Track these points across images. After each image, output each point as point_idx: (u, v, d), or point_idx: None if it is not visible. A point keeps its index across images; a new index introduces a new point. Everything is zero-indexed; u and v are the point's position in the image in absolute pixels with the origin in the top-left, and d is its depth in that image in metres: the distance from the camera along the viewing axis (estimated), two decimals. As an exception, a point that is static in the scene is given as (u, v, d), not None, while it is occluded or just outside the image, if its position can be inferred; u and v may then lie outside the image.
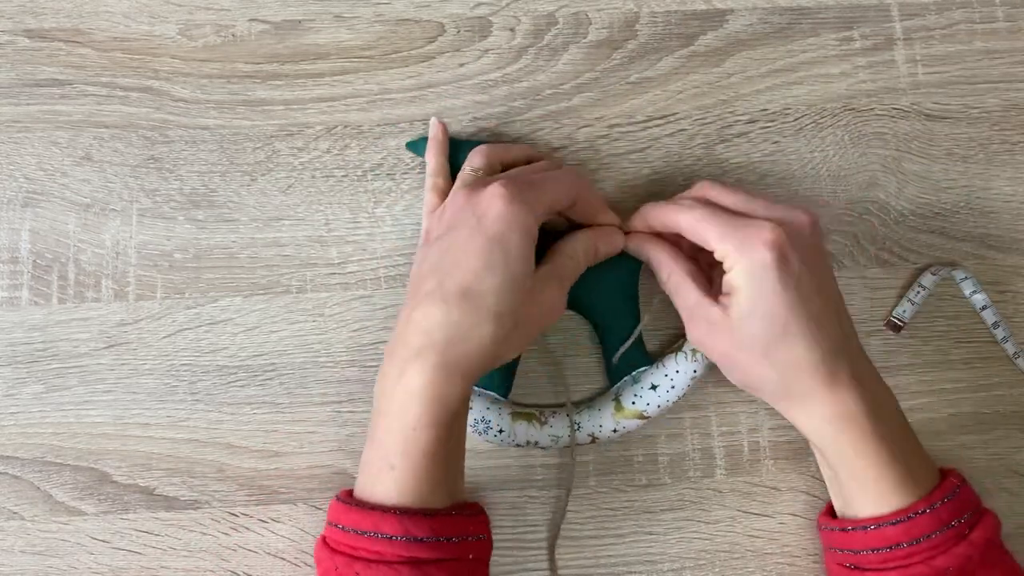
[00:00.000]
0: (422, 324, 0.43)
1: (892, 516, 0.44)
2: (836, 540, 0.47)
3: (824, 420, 0.45)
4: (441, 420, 0.42)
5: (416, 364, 0.42)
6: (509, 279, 0.43)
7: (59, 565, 0.50)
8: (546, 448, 0.52)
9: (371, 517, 0.42)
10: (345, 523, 0.42)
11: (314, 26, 0.56)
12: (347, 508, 0.43)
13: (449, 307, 0.42)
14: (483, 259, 0.43)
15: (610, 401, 0.52)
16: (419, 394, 0.42)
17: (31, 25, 0.55)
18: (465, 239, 0.44)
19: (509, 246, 0.43)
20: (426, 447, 0.42)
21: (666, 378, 0.51)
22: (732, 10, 0.58)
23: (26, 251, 0.53)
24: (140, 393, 0.52)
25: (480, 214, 0.44)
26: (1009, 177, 0.57)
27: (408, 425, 0.42)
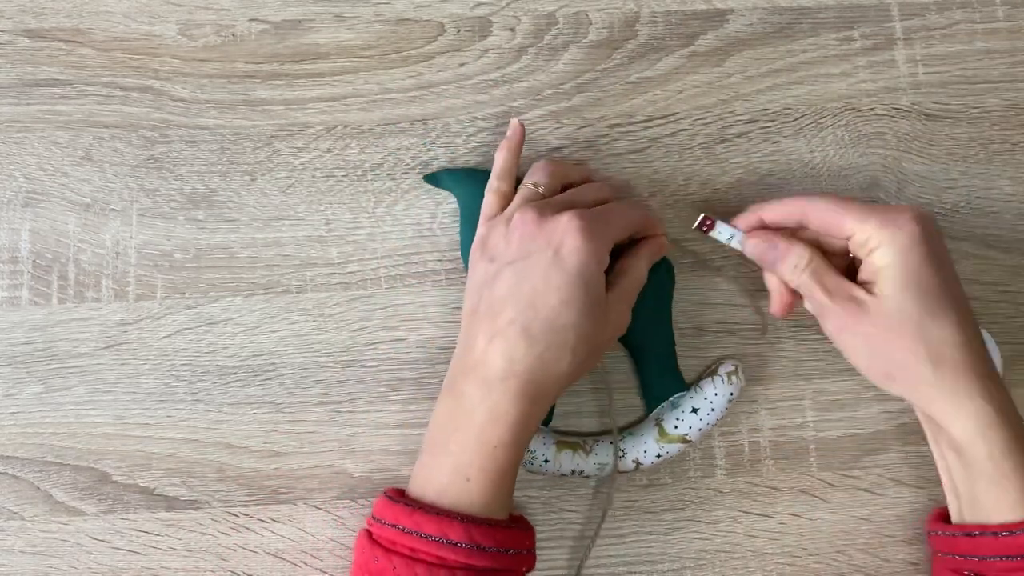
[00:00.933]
0: (506, 353, 0.44)
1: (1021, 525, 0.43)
2: (959, 546, 0.45)
3: (973, 414, 0.44)
4: (520, 442, 0.45)
5: (501, 388, 0.44)
6: (588, 313, 0.45)
7: (59, 565, 0.50)
8: (591, 477, 0.52)
9: (437, 522, 0.43)
10: (407, 524, 0.43)
11: (314, 26, 0.56)
12: (409, 510, 0.43)
13: (533, 341, 0.44)
14: (564, 295, 0.44)
15: (652, 426, 0.52)
16: (503, 417, 0.44)
17: (31, 25, 0.55)
18: (543, 272, 0.45)
19: (588, 281, 0.45)
20: (504, 465, 0.44)
21: (706, 401, 0.51)
22: (732, 10, 0.58)
23: (26, 251, 0.53)
24: (140, 393, 0.52)
25: (556, 246, 0.45)
26: (1010, 177, 0.57)
27: (490, 443, 0.44)
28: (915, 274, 0.44)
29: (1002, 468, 0.44)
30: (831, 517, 0.53)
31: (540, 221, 0.46)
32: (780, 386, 0.54)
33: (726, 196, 0.55)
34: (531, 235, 0.46)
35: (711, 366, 0.53)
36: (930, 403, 0.45)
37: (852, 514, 0.53)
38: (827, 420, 0.54)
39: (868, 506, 0.53)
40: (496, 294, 0.45)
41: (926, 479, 0.53)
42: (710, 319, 0.54)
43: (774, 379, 0.54)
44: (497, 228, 0.48)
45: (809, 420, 0.54)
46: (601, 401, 0.53)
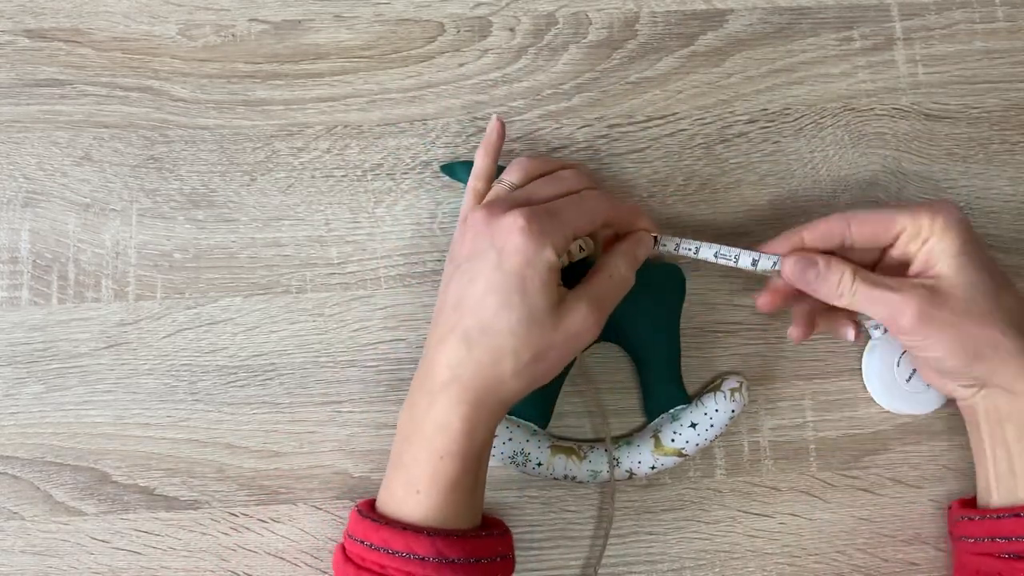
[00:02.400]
0: (447, 360, 0.43)
1: None
2: (1002, 528, 0.46)
3: None
4: (467, 451, 0.43)
5: (443, 397, 0.43)
6: (527, 316, 0.43)
7: (59, 565, 0.50)
8: (584, 483, 0.52)
9: (403, 537, 0.42)
10: (375, 541, 0.43)
11: (314, 26, 0.56)
12: (376, 526, 0.43)
13: (470, 345, 0.43)
14: (501, 296, 0.43)
15: (649, 438, 0.52)
16: (447, 426, 0.43)
17: (31, 25, 0.55)
18: (486, 274, 0.43)
19: (527, 283, 0.43)
20: (453, 475, 0.43)
21: (705, 416, 0.51)
22: (732, 10, 0.58)
23: (26, 251, 0.53)
24: (140, 393, 0.52)
25: (500, 247, 0.43)
26: (1009, 177, 0.57)
27: (436, 454, 0.43)
28: (976, 253, 0.46)
29: None
30: (831, 517, 0.53)
31: (488, 220, 0.44)
32: (780, 386, 0.54)
33: (726, 196, 0.55)
34: (479, 235, 0.44)
35: (715, 380, 0.53)
36: (1014, 374, 0.45)
37: (852, 514, 0.53)
38: (827, 420, 0.54)
39: (868, 506, 0.53)
40: (447, 298, 0.45)
41: (926, 479, 0.53)
42: (710, 319, 0.54)
43: (774, 379, 0.54)
44: (458, 229, 0.47)
45: (809, 420, 0.54)
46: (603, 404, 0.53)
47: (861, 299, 0.46)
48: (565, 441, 0.52)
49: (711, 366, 0.54)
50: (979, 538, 0.47)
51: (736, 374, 0.53)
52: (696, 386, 0.54)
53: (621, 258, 0.47)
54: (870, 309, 0.47)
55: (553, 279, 0.43)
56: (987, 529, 0.47)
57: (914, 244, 0.46)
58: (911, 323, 0.45)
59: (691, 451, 0.51)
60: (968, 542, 0.48)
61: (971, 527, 0.48)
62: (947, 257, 0.45)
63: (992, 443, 0.48)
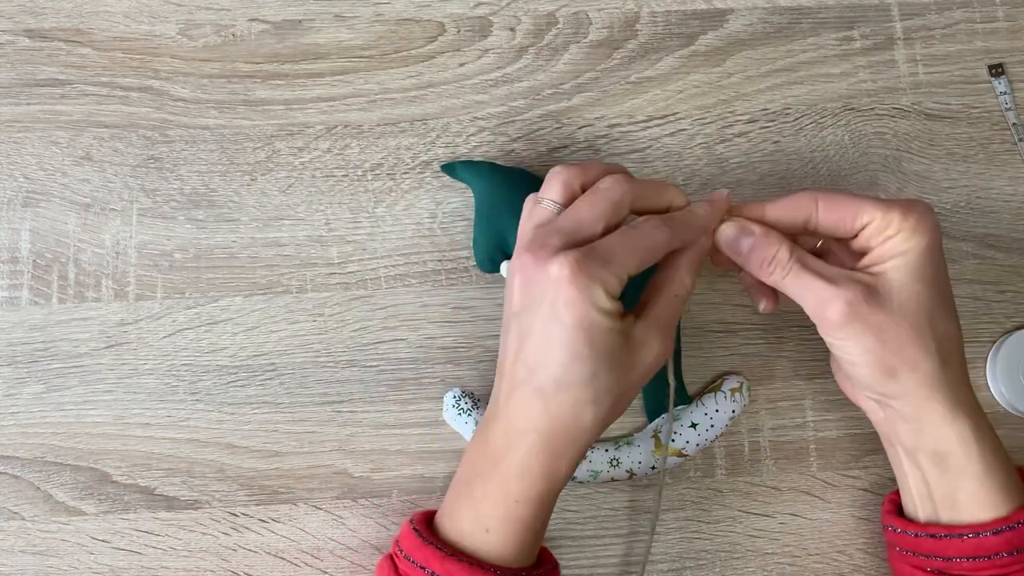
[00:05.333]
0: (523, 411, 0.42)
1: (993, 525, 0.43)
2: (923, 546, 0.45)
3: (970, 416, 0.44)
4: (544, 496, 0.43)
5: (522, 445, 0.42)
6: (601, 364, 0.41)
7: (59, 565, 0.50)
8: (584, 483, 0.52)
9: (469, 573, 0.41)
10: (437, 570, 0.42)
11: (314, 26, 0.56)
12: (441, 556, 0.42)
13: (547, 400, 0.41)
14: (568, 351, 0.40)
15: (649, 438, 0.52)
16: (525, 473, 0.42)
17: (31, 25, 0.55)
18: (542, 326, 0.41)
19: (592, 333, 0.40)
20: (525, 519, 0.42)
21: (706, 417, 0.51)
22: (732, 10, 0.58)
23: (26, 251, 0.53)
24: (140, 393, 0.52)
25: (551, 299, 0.40)
26: (1010, 177, 0.57)
27: (511, 497, 0.42)
28: (932, 266, 0.43)
29: (973, 470, 0.44)
30: (831, 517, 0.53)
31: (535, 267, 0.41)
32: (780, 386, 0.54)
33: (726, 196, 0.55)
34: (528, 284, 0.41)
35: (715, 380, 0.53)
36: (925, 404, 0.44)
37: (852, 514, 0.53)
38: (827, 420, 0.54)
39: (868, 506, 0.53)
40: (508, 346, 0.43)
41: (926, 479, 0.53)
42: (710, 319, 0.54)
43: (774, 379, 0.54)
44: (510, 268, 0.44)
45: (809, 420, 0.54)
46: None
47: (792, 282, 0.44)
48: None
49: (711, 366, 0.54)
50: (904, 549, 0.47)
51: (736, 374, 0.53)
52: (696, 386, 0.54)
53: (682, 271, 0.44)
54: (799, 295, 0.44)
55: (616, 321, 0.41)
56: (910, 544, 0.46)
57: (877, 239, 0.43)
58: (837, 318, 0.42)
59: (691, 451, 0.51)
60: (895, 549, 0.48)
61: (897, 537, 0.47)
62: (903, 259, 0.43)
63: (910, 465, 0.46)
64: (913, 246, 0.43)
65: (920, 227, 0.43)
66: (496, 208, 0.51)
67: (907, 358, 0.43)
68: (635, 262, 0.42)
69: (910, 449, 0.45)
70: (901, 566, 0.47)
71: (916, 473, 0.46)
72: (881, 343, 0.43)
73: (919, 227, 0.43)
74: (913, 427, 0.45)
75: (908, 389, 0.44)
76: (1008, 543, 0.43)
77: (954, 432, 0.44)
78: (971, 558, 0.43)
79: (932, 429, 0.44)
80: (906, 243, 0.43)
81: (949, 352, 0.44)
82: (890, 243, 0.43)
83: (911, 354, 0.43)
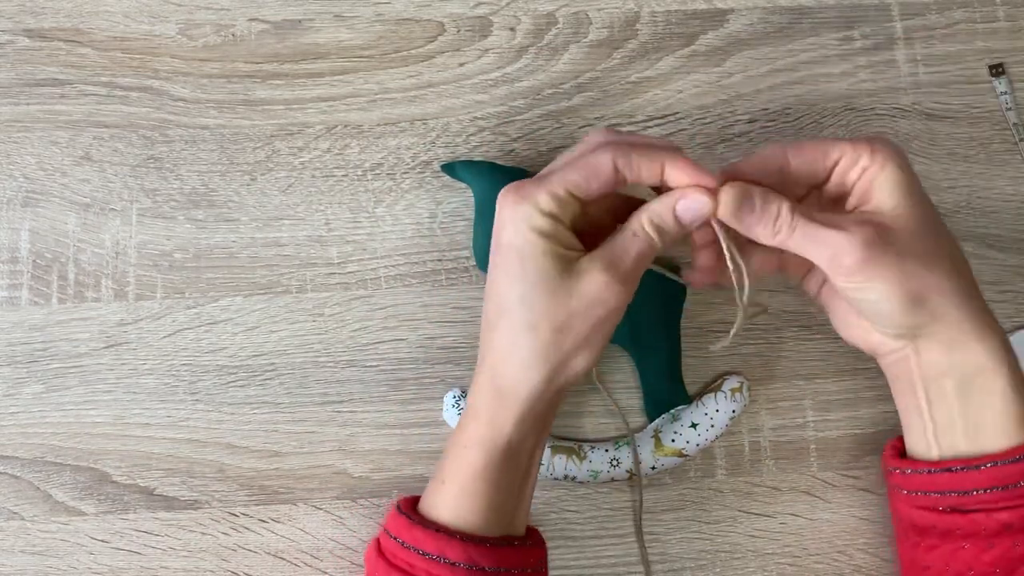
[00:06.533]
0: (481, 349, 0.43)
1: (1009, 453, 0.42)
2: (938, 482, 0.43)
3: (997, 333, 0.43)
4: (490, 440, 0.42)
5: (474, 386, 0.43)
6: (529, 285, 0.40)
7: (59, 565, 0.50)
8: (584, 483, 0.52)
9: (435, 539, 0.41)
10: (407, 539, 0.42)
11: (314, 26, 0.56)
12: (410, 524, 0.42)
13: (491, 328, 0.42)
14: (504, 272, 0.41)
15: (650, 438, 0.52)
16: (473, 415, 0.42)
17: (31, 25, 0.55)
18: (494, 256, 0.42)
19: (519, 251, 0.40)
20: (476, 466, 0.42)
21: (706, 416, 0.51)
22: (733, 10, 0.58)
23: (26, 251, 0.53)
24: (140, 393, 0.52)
25: (496, 230, 0.42)
26: (1010, 177, 0.57)
27: (460, 444, 0.43)
28: (918, 186, 0.42)
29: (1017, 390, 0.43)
30: (832, 517, 0.53)
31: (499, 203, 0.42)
32: (780, 386, 0.54)
33: (726, 196, 0.55)
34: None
35: (716, 380, 0.53)
36: (957, 325, 0.42)
37: (853, 514, 0.53)
38: (827, 420, 0.54)
39: (868, 506, 0.53)
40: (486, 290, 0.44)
41: (926, 479, 0.53)
42: (710, 319, 0.54)
43: (774, 379, 0.54)
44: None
45: (809, 420, 0.54)
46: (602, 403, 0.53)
47: (799, 237, 0.41)
48: (565, 441, 0.52)
49: (711, 366, 0.54)
50: (914, 491, 0.45)
51: (737, 374, 0.53)
52: (696, 386, 0.54)
53: (645, 214, 0.42)
54: (809, 249, 0.41)
55: (550, 242, 0.40)
56: (923, 483, 0.44)
57: (853, 172, 0.42)
58: (856, 263, 0.40)
59: (691, 451, 0.51)
60: (902, 493, 0.46)
61: (905, 480, 0.45)
62: (889, 187, 0.41)
63: (929, 400, 0.44)
64: (893, 169, 0.42)
65: (889, 154, 0.42)
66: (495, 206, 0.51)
67: (931, 282, 0.41)
68: (574, 179, 0.40)
69: (936, 377, 0.44)
70: (907, 510, 0.45)
71: (939, 404, 0.44)
72: (905, 274, 0.41)
73: (889, 155, 0.42)
74: (945, 349, 0.43)
75: (939, 313, 0.42)
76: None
77: (984, 349, 0.43)
78: (989, 489, 0.42)
79: (963, 347, 0.43)
80: (884, 169, 0.41)
81: (962, 266, 0.43)
82: (868, 173, 0.42)
83: (934, 278, 0.42)
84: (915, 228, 0.41)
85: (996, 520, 0.42)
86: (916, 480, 0.45)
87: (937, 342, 0.43)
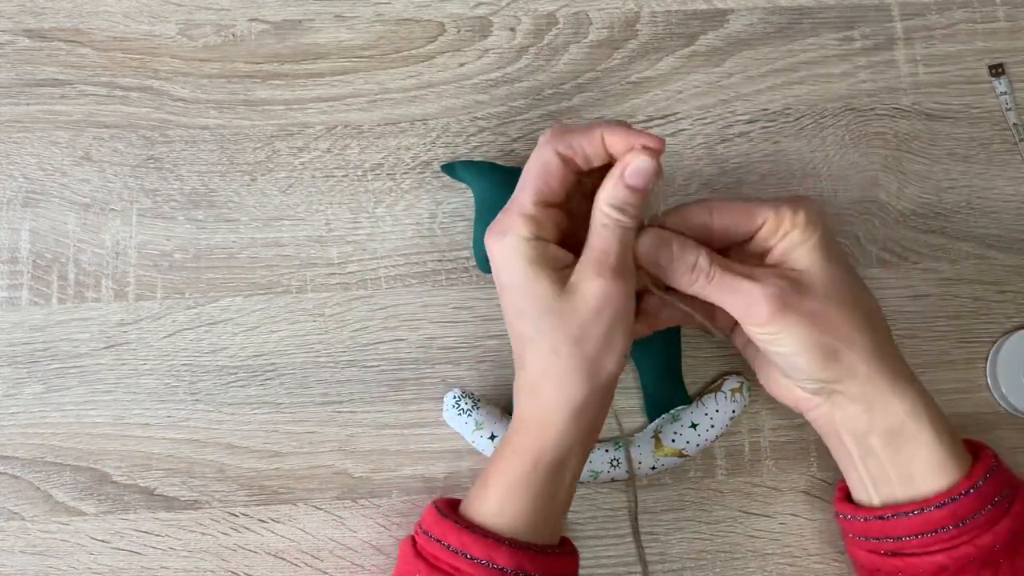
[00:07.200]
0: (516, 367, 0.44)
1: (936, 499, 0.43)
2: (873, 529, 0.45)
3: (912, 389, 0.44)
4: (538, 449, 0.43)
5: (517, 403, 0.44)
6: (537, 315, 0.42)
7: (59, 565, 0.50)
8: (584, 483, 0.52)
9: (484, 545, 0.42)
10: (453, 543, 0.42)
11: (314, 26, 0.56)
12: (457, 528, 0.42)
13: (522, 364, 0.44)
14: (515, 311, 0.43)
15: (650, 438, 0.52)
16: (518, 427, 0.44)
17: (31, 25, 0.55)
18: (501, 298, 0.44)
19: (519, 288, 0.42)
20: (519, 472, 0.43)
21: (706, 417, 0.51)
22: (733, 10, 0.58)
23: (26, 251, 0.53)
24: (140, 393, 0.52)
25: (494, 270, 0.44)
26: (1010, 177, 0.57)
27: (508, 450, 0.44)
28: (837, 250, 0.44)
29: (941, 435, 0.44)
30: (832, 517, 0.53)
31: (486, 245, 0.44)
32: (780, 386, 0.54)
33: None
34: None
35: (715, 380, 0.53)
36: (871, 380, 0.43)
37: (852, 514, 0.53)
38: (827, 420, 0.54)
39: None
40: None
41: (926, 479, 0.53)
42: (710, 319, 0.54)
43: (774, 379, 0.54)
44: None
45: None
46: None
47: (716, 287, 0.43)
48: None
49: (711, 366, 0.54)
50: (856, 535, 0.46)
51: (737, 374, 0.53)
52: (696, 386, 0.54)
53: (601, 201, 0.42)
54: (725, 299, 0.43)
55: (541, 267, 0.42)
56: (861, 528, 0.46)
57: (774, 238, 0.44)
58: (768, 314, 0.42)
59: (691, 451, 0.51)
60: (848, 536, 0.47)
61: (848, 524, 0.47)
62: (808, 250, 0.43)
63: (860, 455, 0.45)
64: (813, 234, 0.43)
65: (811, 219, 0.43)
66: (496, 208, 0.50)
67: (843, 337, 0.43)
68: (535, 188, 0.42)
69: (861, 434, 0.45)
70: (857, 552, 0.47)
71: (870, 459, 0.45)
72: (816, 328, 0.42)
73: (810, 218, 0.43)
74: (863, 407, 0.44)
75: (851, 368, 0.43)
76: (953, 515, 0.43)
77: (901, 402, 0.44)
78: (919, 535, 0.43)
79: (881, 404, 0.44)
80: (804, 233, 0.43)
81: (877, 324, 0.44)
82: (789, 237, 0.43)
83: (846, 332, 0.43)
84: (829, 285, 0.43)
85: (931, 563, 0.43)
86: (857, 525, 0.46)
87: (853, 400, 0.44)
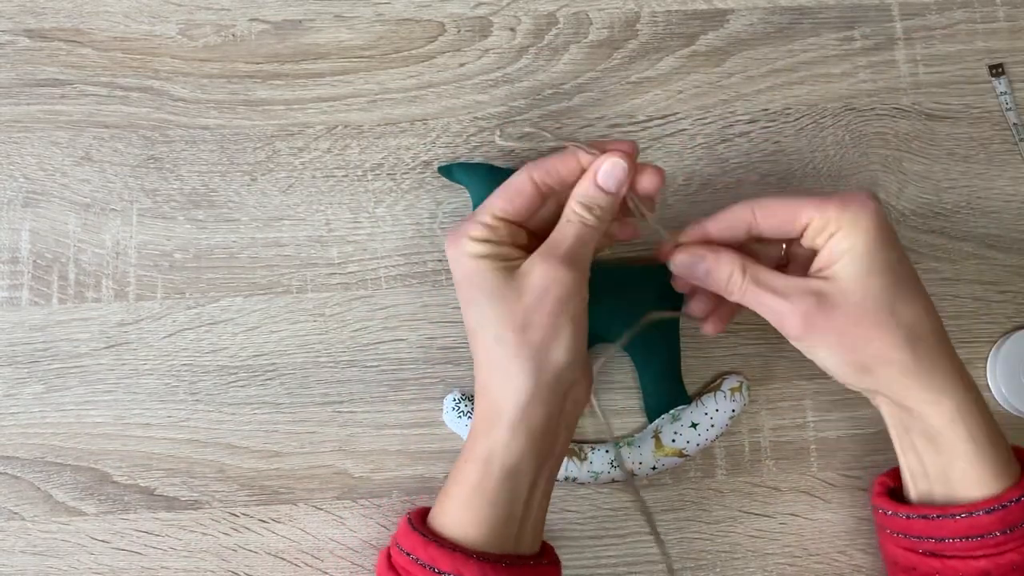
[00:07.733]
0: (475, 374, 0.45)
1: (985, 504, 0.43)
2: (914, 528, 0.45)
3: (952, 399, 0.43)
4: (487, 454, 0.43)
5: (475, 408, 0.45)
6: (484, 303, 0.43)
7: (59, 565, 0.50)
8: (585, 484, 0.52)
9: (451, 558, 0.41)
10: (422, 557, 0.42)
11: (314, 26, 0.56)
12: (425, 542, 0.42)
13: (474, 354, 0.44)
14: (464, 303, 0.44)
15: (650, 438, 0.52)
16: (472, 432, 0.44)
17: (31, 25, 0.55)
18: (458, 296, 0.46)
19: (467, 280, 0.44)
20: (472, 480, 0.43)
21: (706, 416, 0.51)
22: (733, 10, 0.58)
23: (26, 251, 0.53)
24: (140, 393, 0.52)
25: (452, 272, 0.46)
26: (1010, 177, 0.57)
27: (463, 458, 0.44)
28: (882, 255, 0.42)
29: (983, 448, 0.43)
30: (832, 517, 0.53)
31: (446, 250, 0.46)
32: (780, 386, 0.54)
33: (726, 196, 0.55)
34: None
35: (715, 380, 0.53)
36: (906, 392, 0.43)
37: (853, 514, 0.53)
38: (828, 420, 0.54)
39: (868, 506, 0.53)
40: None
41: (926, 479, 0.53)
42: (710, 319, 0.54)
43: (774, 379, 0.54)
44: None
45: (810, 420, 0.54)
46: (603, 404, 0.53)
47: (750, 300, 0.44)
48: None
49: (711, 366, 0.54)
50: (895, 531, 0.46)
51: (736, 374, 0.53)
52: (696, 386, 0.54)
53: (573, 198, 0.44)
54: (759, 310, 0.45)
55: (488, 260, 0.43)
56: (901, 526, 0.45)
57: (820, 238, 0.43)
58: (796, 331, 0.43)
59: (692, 451, 0.51)
60: (885, 531, 0.47)
61: (887, 520, 0.46)
62: (849, 260, 0.42)
63: (902, 445, 0.46)
64: (857, 239, 0.42)
65: (860, 218, 0.42)
66: None
67: (875, 354, 0.43)
68: (499, 204, 0.44)
69: (903, 430, 0.45)
70: (892, 548, 0.47)
71: (912, 453, 0.45)
72: (844, 346, 0.43)
73: (859, 219, 0.42)
74: (903, 411, 0.45)
75: (886, 381, 0.44)
76: (1001, 522, 0.42)
77: (938, 415, 0.43)
78: (964, 538, 0.43)
79: (919, 414, 0.44)
80: (848, 238, 0.42)
81: (920, 336, 0.43)
82: (833, 240, 0.43)
83: (878, 349, 0.43)
84: (864, 301, 0.42)
85: (974, 567, 0.43)
86: (896, 522, 0.46)
87: (893, 404, 0.45)
